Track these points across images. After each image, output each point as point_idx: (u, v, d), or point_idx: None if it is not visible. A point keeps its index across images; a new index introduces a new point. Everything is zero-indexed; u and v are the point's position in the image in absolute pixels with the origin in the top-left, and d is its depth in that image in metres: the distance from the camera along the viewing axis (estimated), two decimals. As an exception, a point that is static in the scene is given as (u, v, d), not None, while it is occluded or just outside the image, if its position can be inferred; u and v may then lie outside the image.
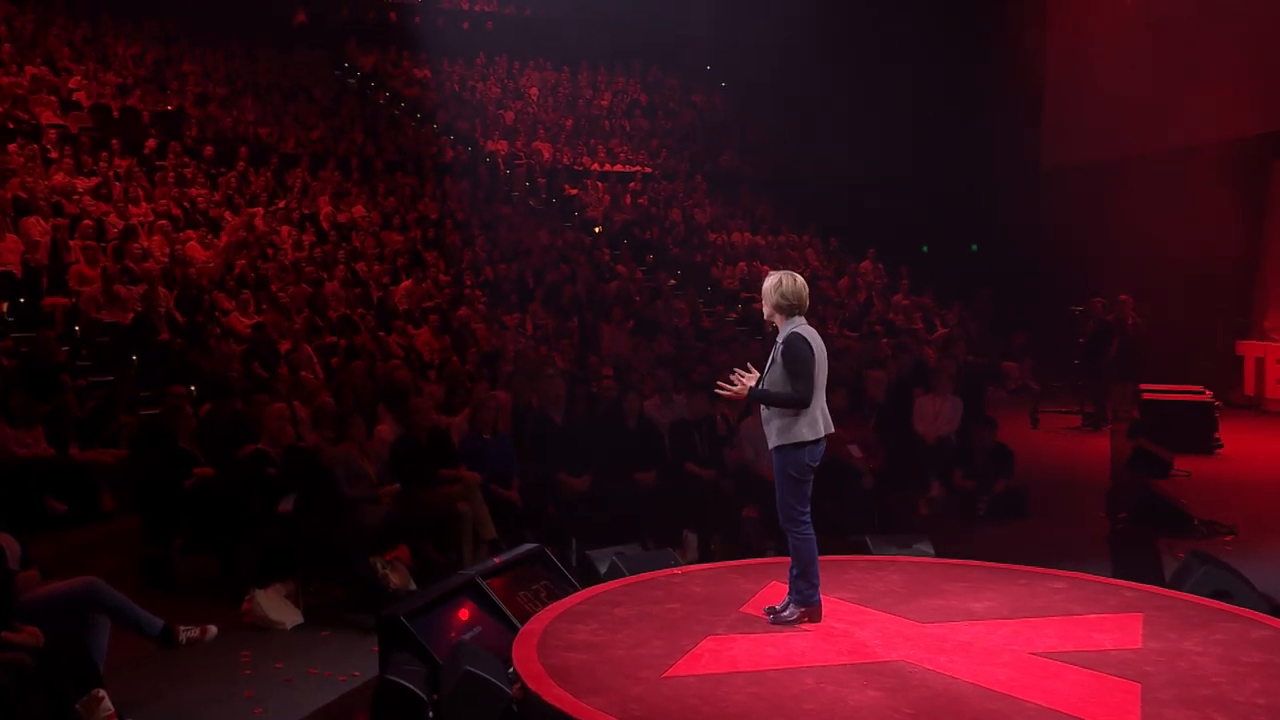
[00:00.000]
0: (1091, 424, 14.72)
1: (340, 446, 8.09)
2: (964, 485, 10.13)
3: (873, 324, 17.24)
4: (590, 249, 18.72)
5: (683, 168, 22.57)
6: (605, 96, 25.22)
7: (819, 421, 5.85)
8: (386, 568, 7.69)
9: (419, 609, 5.86)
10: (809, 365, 5.77)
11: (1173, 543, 8.94)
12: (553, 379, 8.99)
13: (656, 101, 25.28)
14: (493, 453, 8.52)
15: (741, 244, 19.82)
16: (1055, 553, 8.41)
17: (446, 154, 21.47)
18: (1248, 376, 16.59)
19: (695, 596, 6.44)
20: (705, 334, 15.72)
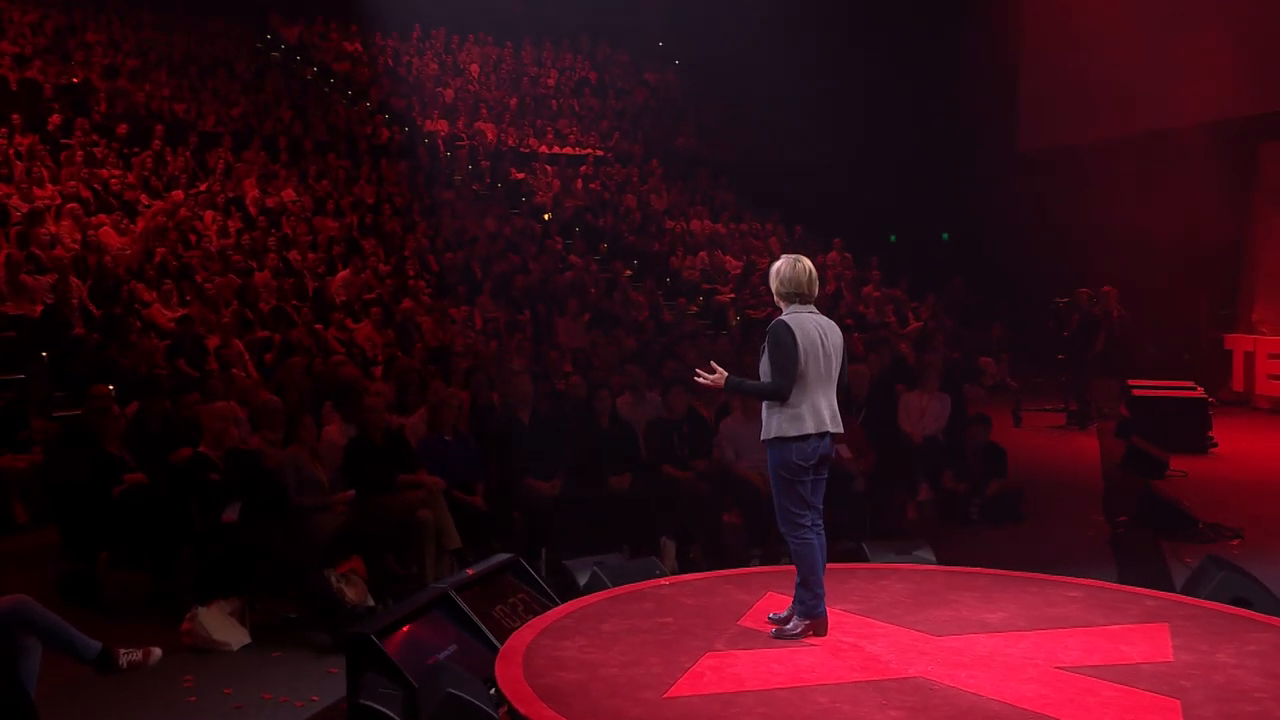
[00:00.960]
0: (1077, 422, 14.84)
1: (289, 449, 7.88)
2: (955, 487, 10.13)
3: (843, 317, 17.21)
4: (541, 237, 18.56)
5: (636, 150, 22.48)
6: (551, 74, 25.06)
7: (806, 417, 5.70)
8: (341, 581, 7.49)
9: (389, 626, 5.70)
10: (791, 356, 5.64)
11: (1178, 547, 9.00)
12: (519, 376, 8.84)
13: (606, 80, 25.16)
14: (455, 455, 8.36)
15: (701, 232, 19.76)
16: (1056, 558, 8.47)
17: (382, 134, 21.21)
18: (1236, 371, 16.83)
19: (687, 609, 6.33)
20: (666, 328, 15.61)
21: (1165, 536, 9.27)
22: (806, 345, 5.70)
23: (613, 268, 17.56)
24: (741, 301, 17.55)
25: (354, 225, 17.66)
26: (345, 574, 7.60)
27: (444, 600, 6.10)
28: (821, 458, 5.82)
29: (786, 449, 5.69)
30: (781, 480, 5.74)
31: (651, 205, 20.49)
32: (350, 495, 7.83)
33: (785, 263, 5.87)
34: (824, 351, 5.77)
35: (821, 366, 5.75)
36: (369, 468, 7.97)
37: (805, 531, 5.76)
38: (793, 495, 5.74)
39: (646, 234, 19.23)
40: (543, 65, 25.28)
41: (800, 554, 5.76)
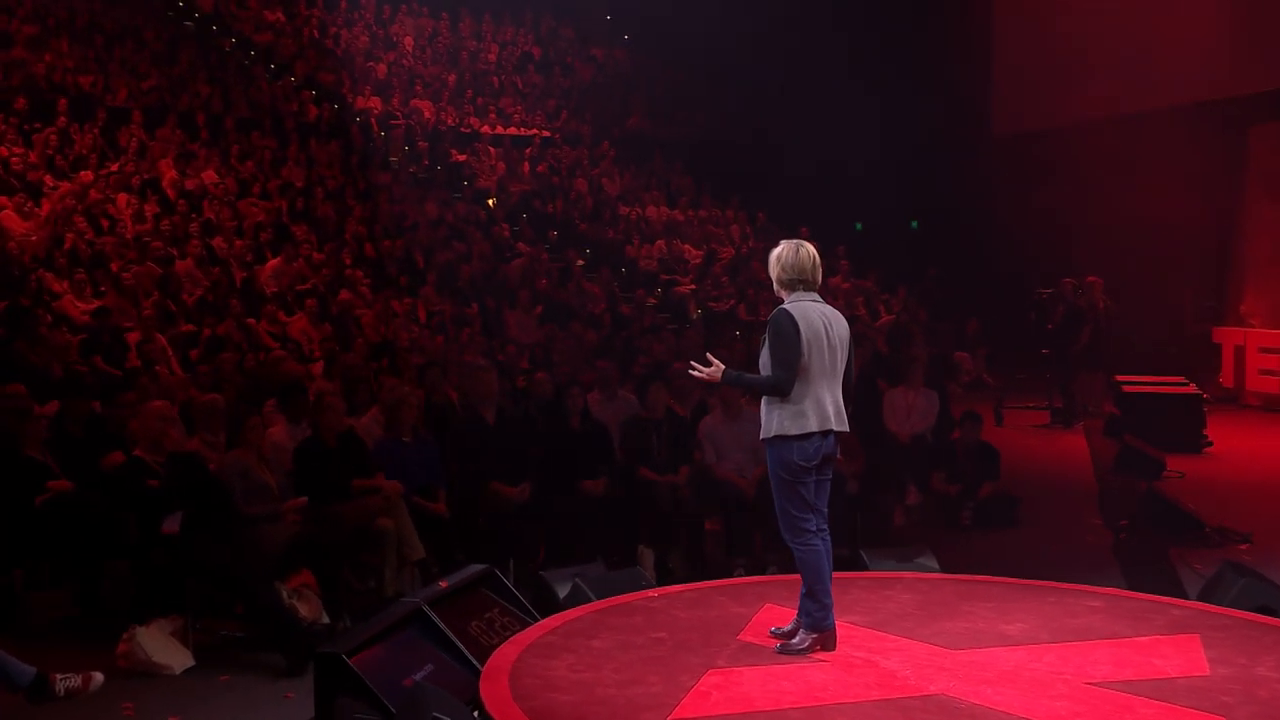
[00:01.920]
0: (1061, 420, 14.95)
1: (233, 453, 7.69)
2: (945, 490, 10.13)
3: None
4: (486, 224, 18.39)
5: (586, 131, 22.35)
6: (492, 49, 24.84)
7: (809, 414, 5.63)
8: (294, 597, 7.33)
9: (361, 645, 5.56)
10: (793, 347, 5.57)
11: (1185, 552, 9.06)
12: (484, 373, 8.69)
13: (551, 55, 25.00)
14: (414, 459, 8.21)
15: (658, 219, 19.70)
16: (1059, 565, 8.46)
17: (310, 112, 20.87)
18: (1226, 366, 17.05)
19: (682, 623, 6.25)
20: (624, 321, 15.52)
21: (1171, 541, 9.32)
22: (810, 336, 5.63)
23: (565, 257, 17.45)
24: (703, 293, 17.50)
25: (283, 210, 17.37)
26: (297, 589, 7.46)
27: (418, 616, 5.97)
28: (825, 457, 5.76)
29: (787, 448, 5.62)
30: (782, 482, 5.66)
31: (604, 190, 20.38)
32: (302, 503, 7.66)
33: (787, 248, 5.80)
34: (829, 343, 5.70)
35: (826, 359, 5.68)
36: (322, 472, 7.81)
37: (810, 537, 5.68)
38: (795, 498, 5.66)
39: (599, 221, 19.12)
40: (482, 39, 25.04)
41: (806, 561, 5.68)
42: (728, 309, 17.00)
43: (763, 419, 5.72)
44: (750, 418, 8.97)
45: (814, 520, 5.72)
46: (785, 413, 5.63)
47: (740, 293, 17.25)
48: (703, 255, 18.65)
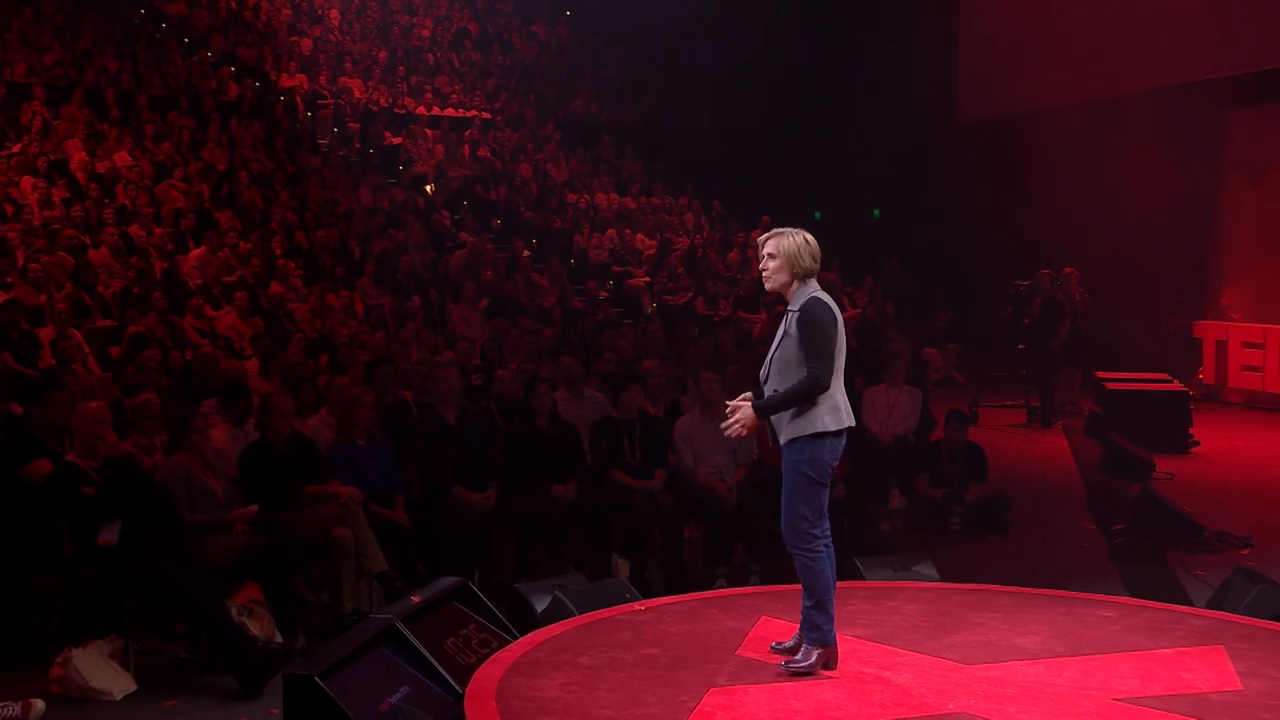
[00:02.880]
0: (1039, 419, 15.04)
1: (175, 458, 7.48)
2: (931, 494, 10.12)
3: (772, 304, 17.22)
4: (425, 211, 18.20)
5: (529, 114, 22.21)
6: (425, 24, 24.60)
7: (841, 409, 5.62)
8: (243, 614, 7.16)
9: (333, 666, 5.41)
10: (832, 339, 5.54)
11: (1185, 558, 9.12)
12: (446, 370, 8.52)
13: (490, 32, 24.82)
14: (370, 463, 8.05)
15: (608, 207, 19.62)
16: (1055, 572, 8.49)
17: (230, 90, 20.55)
18: (1207, 362, 17.25)
19: (673, 638, 6.17)
20: (575, 315, 15.42)
21: (1169, 546, 9.38)
22: (840, 327, 5.66)
23: (511, 247, 17.30)
24: (658, 286, 17.43)
25: (204, 195, 17.09)
26: (246, 605, 7.29)
27: (391, 633, 5.83)
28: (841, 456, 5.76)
29: (820, 446, 5.55)
30: (807, 483, 5.56)
31: (550, 176, 20.26)
32: (252, 511, 7.46)
33: (800, 235, 5.73)
34: (844, 335, 5.69)
35: (844, 352, 5.66)
36: (272, 478, 7.63)
37: (819, 544, 5.61)
38: (814, 501, 5.59)
39: (546, 209, 19.01)
40: (415, 13, 24.77)
41: (813, 571, 5.59)
42: (684, 303, 16.94)
43: (791, 417, 5.55)
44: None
45: (824, 527, 5.66)
46: (822, 407, 5.56)
47: (698, 286, 17.19)
48: (656, 245, 18.57)
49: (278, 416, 7.81)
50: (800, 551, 5.60)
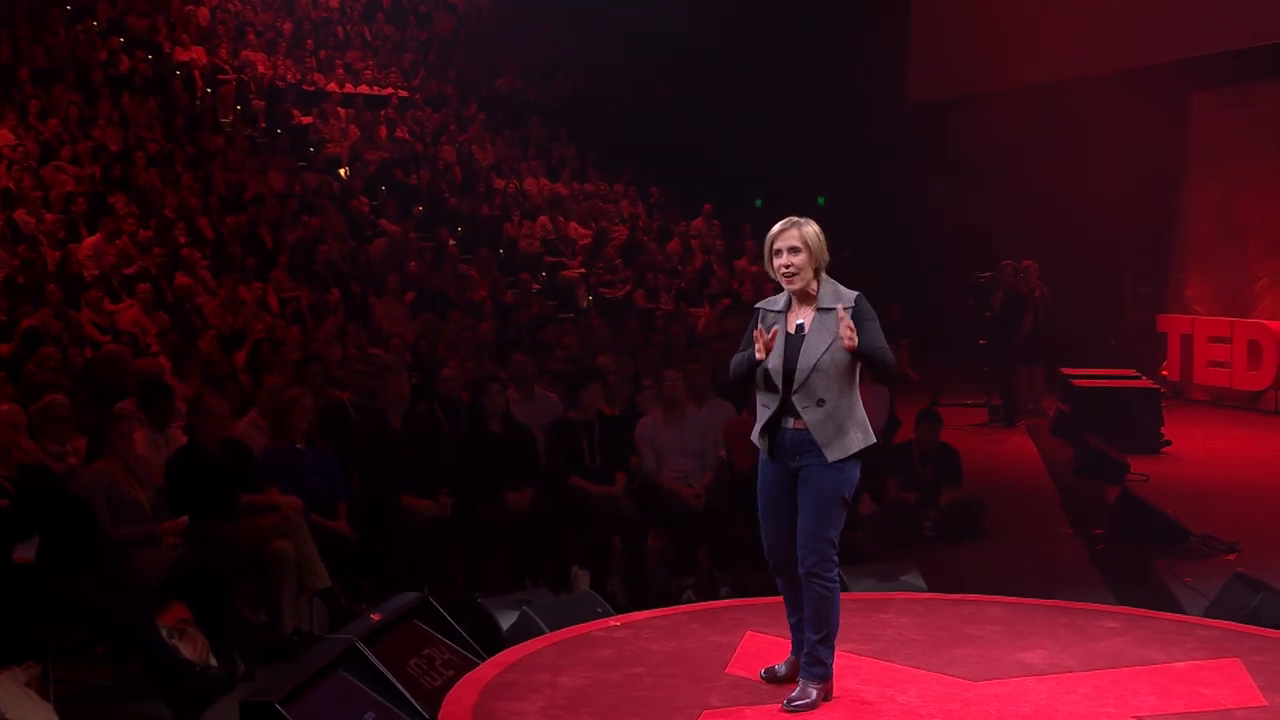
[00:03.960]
0: (1002, 418, 15.15)
1: (96, 465, 7.27)
2: (902, 498, 10.13)
3: (716, 296, 17.24)
4: (341, 197, 17.94)
5: (449, 92, 22.02)
6: (333, -8, 24.32)
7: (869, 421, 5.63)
8: (174, 636, 6.97)
9: (293, 692, 5.28)
10: None
11: (1171, 564, 9.20)
12: (394, 374, 8.38)
13: (404, 3, 24.55)
14: (310, 469, 7.89)
15: (539, 193, 19.49)
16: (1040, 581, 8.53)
17: (122, 63, 20.14)
18: (1171, 357, 17.50)
19: (657, 656, 6.13)
20: (507, 309, 15.28)
21: (1153, 551, 9.45)
22: None
23: (436, 236, 17.11)
24: (594, 278, 17.34)
25: (97, 177, 16.72)
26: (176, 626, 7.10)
27: (351, 655, 5.70)
28: None
29: (857, 467, 5.54)
30: (842, 505, 5.51)
31: (475, 159, 20.08)
32: (182, 523, 7.28)
33: (814, 224, 5.66)
34: None
35: None
36: (203, 487, 7.44)
37: (836, 572, 5.52)
38: (840, 523, 5.53)
39: (473, 195, 18.84)
40: (321, -18, 24.48)
41: (830, 602, 5.48)
42: (623, 296, 16.86)
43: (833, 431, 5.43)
44: (694, 418, 8.91)
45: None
46: (860, 420, 5.55)
47: (638, 278, 17.13)
48: (592, 235, 18.49)
49: (211, 419, 7.62)
50: (819, 581, 5.45)
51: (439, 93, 22.02)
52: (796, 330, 5.50)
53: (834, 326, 5.40)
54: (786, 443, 5.48)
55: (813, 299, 5.52)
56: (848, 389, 5.47)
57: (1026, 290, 15.36)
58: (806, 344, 5.45)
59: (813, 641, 5.49)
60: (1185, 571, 9.01)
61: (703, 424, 8.88)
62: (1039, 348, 15.58)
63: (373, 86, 21.86)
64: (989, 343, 15.59)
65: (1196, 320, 17.46)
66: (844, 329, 5.31)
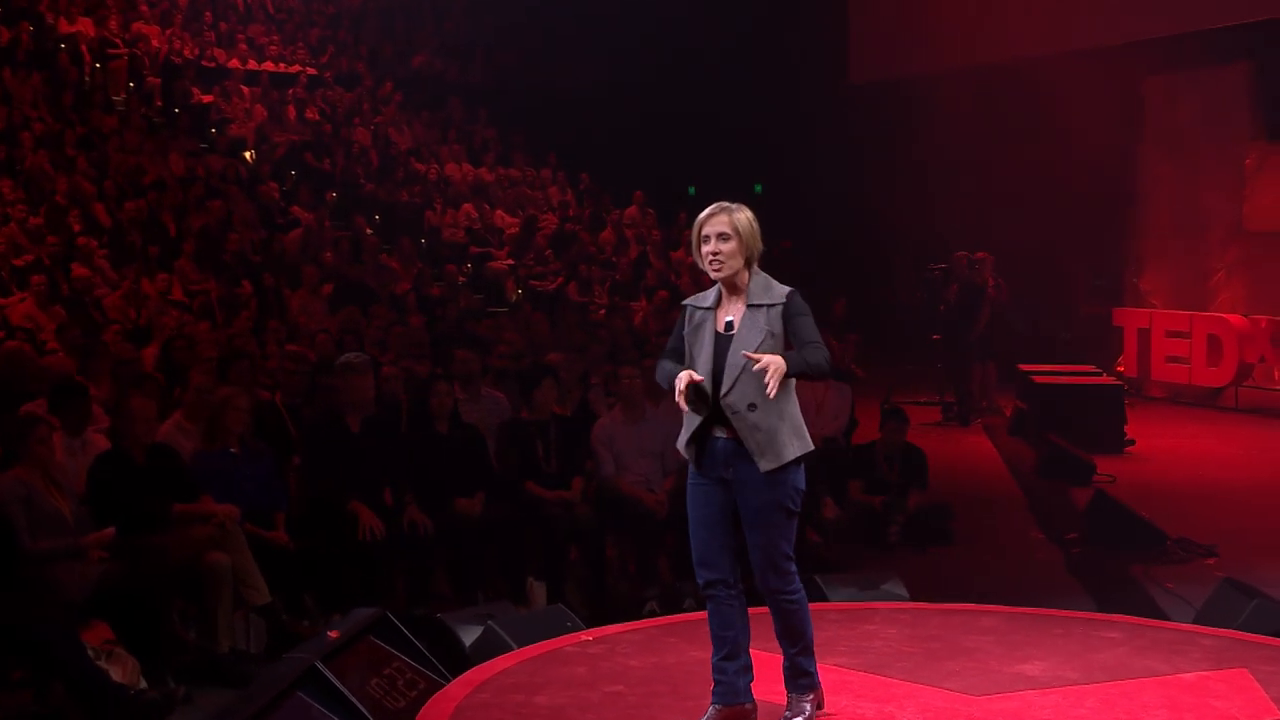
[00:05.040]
0: (957, 418, 15.29)
1: (12, 473, 7.08)
2: (866, 501, 10.16)
3: (653, 289, 17.20)
4: (249, 182, 17.69)
5: (361, 70, 21.81)
6: (231, -38, 23.99)
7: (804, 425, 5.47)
8: (100, 657, 6.80)
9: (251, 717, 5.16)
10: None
11: (1149, 569, 9.31)
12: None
13: (309, -25, 24.33)
14: (245, 475, 7.74)
15: (461, 179, 19.37)
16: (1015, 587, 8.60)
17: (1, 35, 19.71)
18: (1128, 352, 17.73)
19: (638, 673, 6.10)
20: (433, 303, 15.15)
21: (1130, 557, 9.55)
22: None
23: (353, 225, 16.93)
24: (524, 269, 17.26)
25: (-24, 160, 16.39)
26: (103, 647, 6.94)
27: (311, 676, 5.58)
28: None
29: (799, 473, 5.38)
30: (789, 516, 5.37)
31: (392, 142, 19.90)
32: (109, 535, 7.10)
33: (747, 211, 5.54)
34: None
35: None
36: (130, 496, 7.28)
37: (798, 582, 5.41)
38: (791, 534, 5.42)
39: (391, 180, 18.68)
40: (217, -51, 24.13)
41: (798, 615, 5.38)
42: (555, 289, 16.80)
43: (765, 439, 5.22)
44: (653, 418, 8.86)
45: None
46: (794, 424, 5.34)
47: (570, 269, 17.07)
48: (519, 223, 18.41)
49: (138, 422, 7.45)
50: (782, 596, 5.35)
51: (350, 71, 21.86)
52: (725, 328, 5.33)
53: (775, 324, 5.27)
54: (718, 452, 5.32)
55: (743, 293, 5.35)
56: (782, 392, 5.12)
57: (982, 283, 15.48)
58: (735, 344, 5.25)
59: (791, 655, 5.43)
60: (1163, 576, 9.12)
61: (663, 424, 8.82)
62: (994, 343, 15.73)
63: (278, 64, 21.66)
64: (943, 338, 15.70)
65: (1154, 314, 17.72)
66: (770, 382, 4.99)
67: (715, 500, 5.36)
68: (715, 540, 5.37)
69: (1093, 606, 8.23)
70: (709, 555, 5.37)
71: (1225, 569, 9.30)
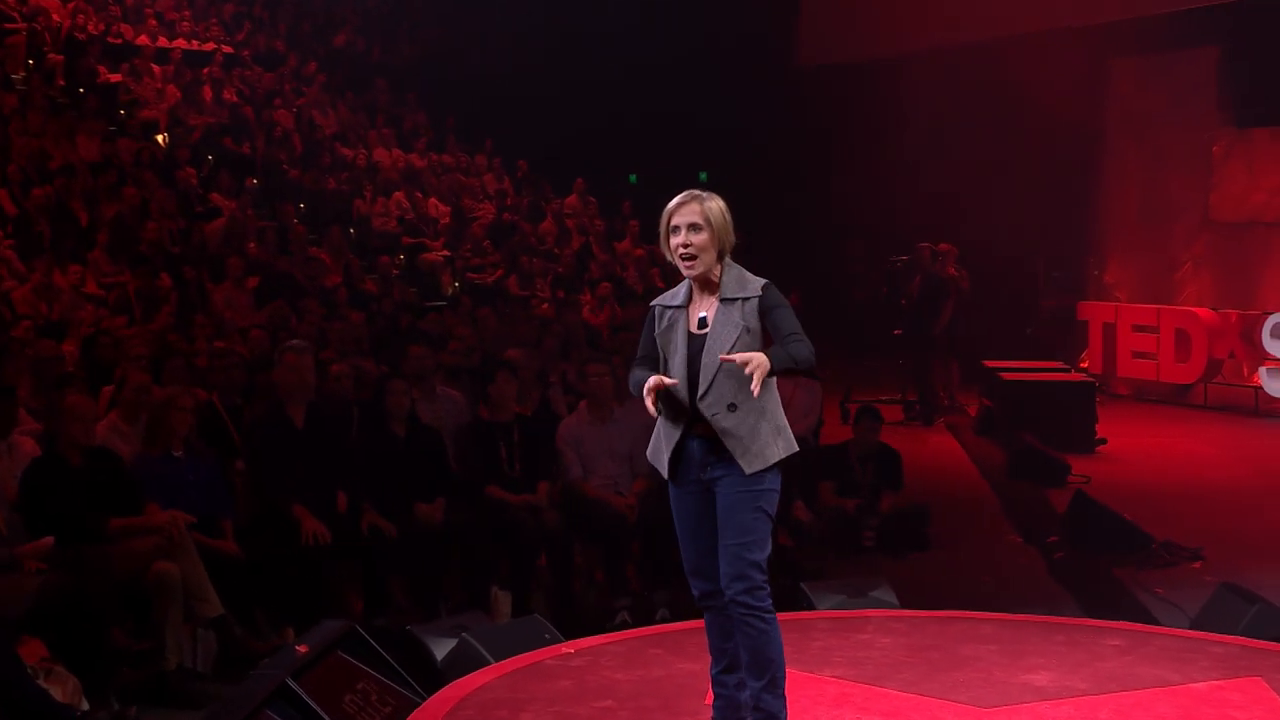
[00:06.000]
0: (920, 416, 15.39)
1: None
2: (839, 504, 10.19)
3: (597, 282, 17.18)
4: (164, 167, 17.45)
5: (280, 48, 21.62)
6: (135, -67, 23.69)
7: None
8: (39, 676, 6.69)
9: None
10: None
11: (1135, 573, 9.40)
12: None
13: (220, -54, 24.06)
14: (189, 480, 7.64)
15: (391, 166, 19.23)
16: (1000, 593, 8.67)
17: (-117, 8, 19.42)
18: (1093, 347, 17.91)
19: (625, 687, 6.10)
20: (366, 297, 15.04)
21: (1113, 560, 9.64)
22: None
23: (280, 214, 16.76)
24: (460, 261, 17.17)
25: None
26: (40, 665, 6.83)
27: (283, 694, 5.52)
28: None
29: (778, 476, 5.27)
30: (765, 521, 5.22)
31: (316, 126, 19.73)
32: (47, 545, 6.99)
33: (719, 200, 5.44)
34: None
35: None
36: (67, 503, 7.15)
37: (768, 599, 5.18)
38: (765, 541, 5.24)
39: (316, 167, 18.50)
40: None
41: (768, 637, 5.12)
42: (494, 282, 16.73)
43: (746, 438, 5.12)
44: (622, 418, 8.85)
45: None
46: (777, 424, 5.24)
47: (510, 261, 17.01)
48: (451, 212, 18.33)
49: (75, 422, 7.31)
50: (752, 614, 5.11)
51: (269, 49, 21.62)
52: (699, 325, 5.24)
53: (752, 318, 5.19)
54: (695, 455, 5.23)
55: (716, 287, 5.25)
56: (763, 390, 5.00)
57: (945, 275, 15.59)
58: (710, 342, 5.17)
59: (755, 690, 5.14)
60: (1150, 581, 9.21)
61: (631, 424, 8.80)
62: (957, 339, 15.84)
63: (190, 41, 21.37)
64: (905, 333, 15.79)
65: (1120, 308, 17.92)
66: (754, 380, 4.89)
67: (699, 507, 5.27)
68: (706, 549, 5.26)
69: (1080, 612, 8.32)
70: (701, 565, 5.29)
71: (1212, 572, 9.44)
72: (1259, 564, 9.51)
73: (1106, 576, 9.40)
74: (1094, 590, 9.08)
